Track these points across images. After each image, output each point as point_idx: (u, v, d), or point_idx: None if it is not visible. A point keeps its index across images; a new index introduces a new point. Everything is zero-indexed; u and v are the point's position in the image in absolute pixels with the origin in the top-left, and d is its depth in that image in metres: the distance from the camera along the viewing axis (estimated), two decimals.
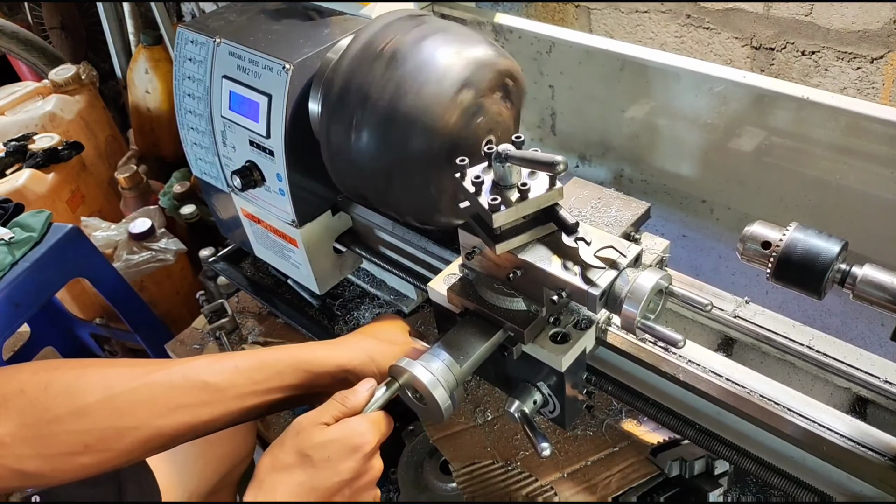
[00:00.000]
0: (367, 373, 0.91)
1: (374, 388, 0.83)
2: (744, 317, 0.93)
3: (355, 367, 0.92)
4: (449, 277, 0.95)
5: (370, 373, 0.92)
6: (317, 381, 0.91)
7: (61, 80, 2.46)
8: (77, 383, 0.80)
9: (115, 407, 0.79)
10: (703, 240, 1.35)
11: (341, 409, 0.79)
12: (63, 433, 0.77)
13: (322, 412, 0.79)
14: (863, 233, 1.10)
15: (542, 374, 0.90)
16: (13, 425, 0.75)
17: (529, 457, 1.14)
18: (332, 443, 0.75)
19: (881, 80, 1.20)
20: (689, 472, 1.05)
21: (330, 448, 0.75)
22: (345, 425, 0.77)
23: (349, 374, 0.92)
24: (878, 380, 0.83)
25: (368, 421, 0.79)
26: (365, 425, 0.78)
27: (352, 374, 0.92)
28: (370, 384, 0.84)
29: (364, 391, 0.82)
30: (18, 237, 1.66)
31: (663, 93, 1.24)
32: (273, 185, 1.21)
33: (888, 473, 0.76)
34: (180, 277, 2.24)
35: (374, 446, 0.78)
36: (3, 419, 0.75)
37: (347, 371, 0.92)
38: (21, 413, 0.76)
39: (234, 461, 1.37)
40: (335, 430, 0.76)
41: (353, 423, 0.78)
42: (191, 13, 2.16)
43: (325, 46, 1.12)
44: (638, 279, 0.78)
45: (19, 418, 0.75)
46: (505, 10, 1.56)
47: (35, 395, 0.77)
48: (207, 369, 0.86)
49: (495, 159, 0.80)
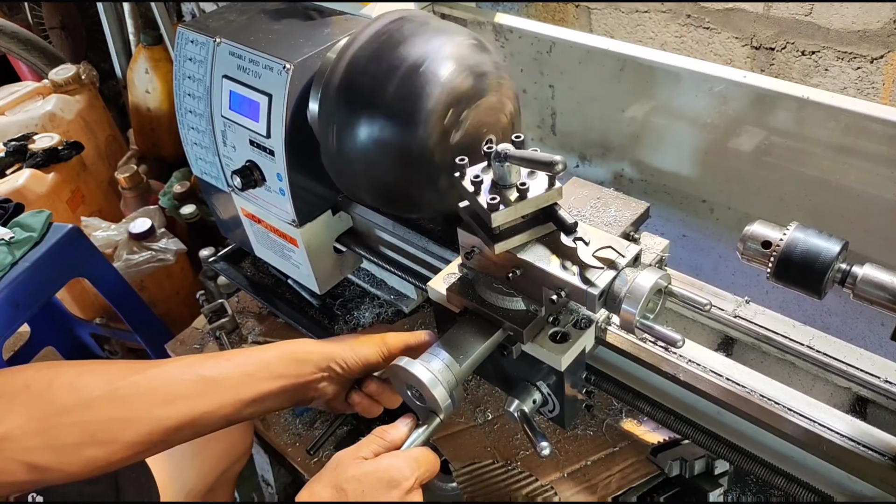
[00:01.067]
0: (347, 360, 0.94)
1: (413, 424, 0.84)
2: (744, 316, 0.93)
3: (336, 357, 0.94)
4: (448, 277, 0.95)
5: (350, 360, 0.94)
6: (303, 369, 0.93)
7: (61, 80, 2.46)
8: (80, 378, 0.82)
9: (118, 398, 0.82)
10: (703, 240, 1.35)
11: (381, 444, 0.80)
12: (70, 424, 0.79)
13: (361, 447, 0.79)
14: (863, 233, 1.10)
15: (542, 374, 0.90)
16: (22, 419, 0.77)
17: (529, 456, 1.14)
18: (368, 476, 0.75)
19: (881, 80, 1.20)
20: (689, 471, 1.05)
21: (365, 482, 0.75)
22: (382, 460, 0.78)
23: (332, 362, 0.94)
24: (879, 380, 0.83)
25: (408, 457, 0.79)
26: (402, 461, 0.78)
27: (334, 363, 0.94)
28: (409, 420, 0.85)
29: (403, 426, 0.83)
30: (18, 237, 1.66)
31: (663, 93, 1.24)
32: (273, 185, 1.21)
33: (888, 473, 0.76)
34: (180, 277, 2.24)
35: (412, 483, 0.77)
36: (12, 413, 0.77)
37: (330, 359, 0.94)
38: (28, 407, 0.78)
39: (232, 458, 1.37)
40: (371, 464, 0.77)
41: (391, 458, 0.78)
42: (191, 13, 2.16)
43: (326, 46, 1.12)
44: (637, 279, 0.78)
45: (27, 412, 0.77)
46: (505, 10, 1.56)
47: (41, 390, 0.79)
48: (203, 363, 0.90)
49: (494, 159, 0.80)
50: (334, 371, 0.94)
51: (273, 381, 0.91)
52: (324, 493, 0.75)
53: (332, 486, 0.75)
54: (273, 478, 1.55)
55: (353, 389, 0.98)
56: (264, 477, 1.58)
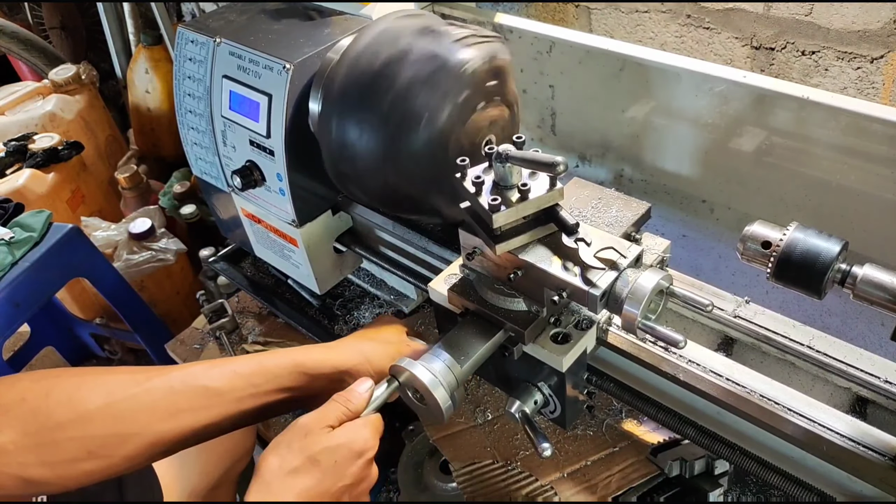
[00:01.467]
0: (362, 373, 0.92)
1: (372, 389, 0.84)
2: (744, 317, 0.93)
3: (350, 368, 0.93)
4: (450, 277, 0.95)
5: (365, 373, 0.92)
6: (313, 383, 0.91)
7: (61, 80, 2.46)
8: (78, 391, 0.80)
9: (117, 413, 0.79)
10: (703, 240, 1.35)
11: (344, 412, 0.80)
12: (66, 440, 0.77)
13: (326, 414, 0.79)
14: (863, 233, 1.10)
15: (543, 375, 0.90)
16: (16, 433, 0.75)
17: (529, 457, 1.14)
18: (341, 447, 0.76)
19: (881, 80, 1.20)
20: (689, 472, 1.05)
21: (338, 453, 0.76)
22: (350, 430, 0.78)
23: (345, 374, 0.92)
24: (879, 380, 0.83)
25: (371, 425, 0.80)
26: (369, 430, 0.79)
27: (347, 375, 0.92)
28: (368, 384, 0.84)
29: (364, 392, 0.83)
30: (18, 237, 1.66)
31: (663, 93, 1.24)
32: (273, 185, 1.21)
33: (888, 473, 0.76)
34: (180, 277, 2.24)
35: (375, 451, 0.79)
36: (6, 427, 0.75)
37: (343, 372, 0.92)
38: (23, 421, 0.76)
39: (235, 458, 1.37)
40: (341, 434, 0.77)
41: (358, 428, 0.79)
42: (191, 13, 2.15)
43: (326, 46, 1.12)
44: (639, 280, 0.78)
45: (22, 426, 0.75)
46: (505, 9, 1.56)
47: (37, 404, 0.77)
48: (206, 374, 0.86)
49: (496, 159, 0.80)
50: (345, 383, 0.90)
51: (280, 394, 0.89)
52: (296, 461, 0.74)
53: (305, 455, 0.75)
54: None
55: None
56: None
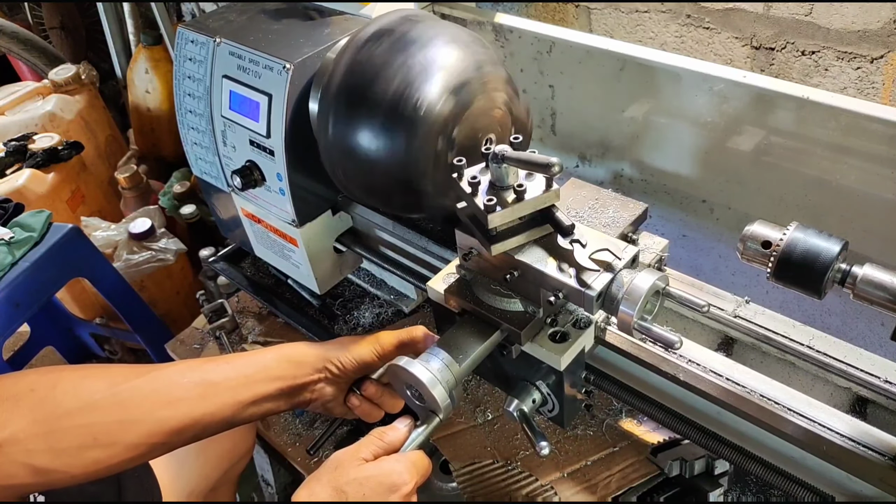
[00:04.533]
0: (343, 361, 0.94)
1: (411, 426, 0.84)
2: (744, 317, 0.93)
3: (331, 357, 0.95)
4: (448, 277, 0.95)
5: (346, 362, 0.95)
6: (299, 370, 0.94)
7: (61, 80, 2.46)
8: (83, 381, 0.84)
9: (120, 401, 0.83)
10: (703, 240, 1.35)
11: (380, 446, 0.80)
12: (72, 427, 0.80)
13: (360, 448, 0.80)
14: (863, 233, 1.10)
15: (541, 373, 0.90)
16: (26, 422, 0.78)
17: (529, 456, 1.14)
18: (370, 479, 0.75)
19: (881, 80, 1.20)
20: (689, 471, 1.05)
21: (367, 485, 0.75)
22: (383, 464, 0.78)
23: (327, 362, 0.94)
24: (878, 380, 0.83)
25: (407, 461, 0.79)
26: (403, 465, 0.78)
27: (329, 363, 0.94)
28: (407, 421, 0.85)
29: (402, 427, 0.83)
30: (18, 237, 1.66)
31: (663, 93, 1.24)
32: (273, 185, 1.21)
33: (888, 473, 0.76)
34: (180, 277, 2.24)
35: (411, 488, 0.77)
36: (17, 416, 0.78)
37: (325, 360, 0.95)
38: (32, 410, 0.79)
39: (234, 458, 1.38)
40: (373, 467, 0.77)
41: (392, 463, 0.78)
42: (191, 13, 2.16)
43: (325, 46, 1.12)
44: (634, 281, 0.78)
45: (31, 415, 0.79)
46: (505, 9, 1.56)
47: (45, 394, 0.81)
48: (204, 366, 0.92)
49: (492, 160, 0.80)
50: (330, 371, 0.94)
51: (271, 383, 0.92)
52: (323, 493, 0.75)
53: (333, 487, 0.75)
54: (273, 478, 1.55)
55: (351, 392, 0.99)
56: (264, 477, 1.58)
